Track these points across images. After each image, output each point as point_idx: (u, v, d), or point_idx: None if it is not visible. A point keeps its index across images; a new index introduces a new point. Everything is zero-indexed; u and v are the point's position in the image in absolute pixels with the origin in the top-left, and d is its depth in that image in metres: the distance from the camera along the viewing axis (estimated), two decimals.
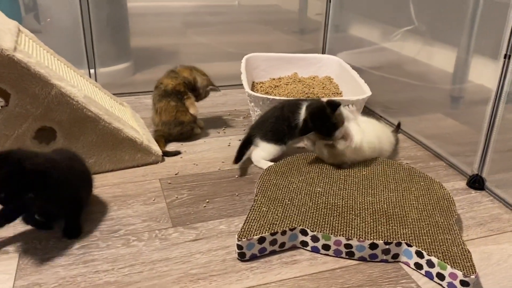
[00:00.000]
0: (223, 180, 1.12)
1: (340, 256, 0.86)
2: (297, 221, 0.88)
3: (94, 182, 1.00)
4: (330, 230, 0.86)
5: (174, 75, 1.28)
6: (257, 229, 0.85)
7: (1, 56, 0.94)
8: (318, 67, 1.70)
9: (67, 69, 1.20)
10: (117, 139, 1.11)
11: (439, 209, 0.94)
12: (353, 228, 0.87)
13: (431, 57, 1.46)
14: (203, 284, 0.78)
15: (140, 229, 0.92)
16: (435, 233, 0.86)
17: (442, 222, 0.89)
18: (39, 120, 1.02)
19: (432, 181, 1.04)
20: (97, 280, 0.78)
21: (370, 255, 0.84)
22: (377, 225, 0.88)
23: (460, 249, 0.82)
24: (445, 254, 0.80)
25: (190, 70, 1.31)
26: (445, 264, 0.78)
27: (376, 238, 0.84)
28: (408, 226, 0.88)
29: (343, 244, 0.84)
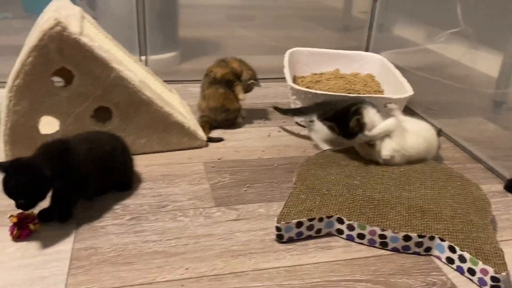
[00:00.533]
0: (263, 167, 1.17)
1: (374, 245, 0.89)
2: (334, 209, 0.93)
3: (130, 161, 1.05)
4: (366, 220, 0.90)
5: (224, 65, 1.34)
6: (296, 214, 0.90)
7: (69, 39, 1.02)
8: (360, 64, 1.73)
9: (123, 54, 1.28)
10: (167, 123, 1.18)
11: (475, 209, 0.96)
12: (388, 220, 0.90)
13: (475, 60, 1.46)
14: (243, 260, 0.84)
15: (186, 206, 0.99)
16: (468, 231, 0.88)
17: (476, 221, 0.91)
18: (98, 100, 1.10)
19: (469, 182, 1.05)
20: (147, 249, 0.85)
21: (403, 247, 0.88)
22: (411, 219, 0.91)
23: (493, 247, 0.84)
24: (477, 251, 0.83)
25: (239, 62, 1.37)
26: (477, 260, 0.81)
27: (410, 231, 0.87)
28: (442, 222, 0.90)
29: (378, 234, 0.88)
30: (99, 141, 0.98)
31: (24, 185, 0.81)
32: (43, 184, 0.83)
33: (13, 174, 0.81)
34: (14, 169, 0.82)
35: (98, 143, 0.97)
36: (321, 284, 0.79)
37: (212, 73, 1.33)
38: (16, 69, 1.03)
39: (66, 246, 0.85)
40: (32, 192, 0.82)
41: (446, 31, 1.56)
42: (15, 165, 0.83)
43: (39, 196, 0.84)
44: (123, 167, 1.03)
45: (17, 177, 0.81)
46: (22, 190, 0.81)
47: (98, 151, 0.95)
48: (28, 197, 0.82)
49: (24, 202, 0.82)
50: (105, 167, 0.96)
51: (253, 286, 0.78)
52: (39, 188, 0.83)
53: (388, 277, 0.82)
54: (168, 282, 0.78)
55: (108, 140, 1.01)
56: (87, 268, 0.80)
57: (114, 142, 1.01)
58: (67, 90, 1.08)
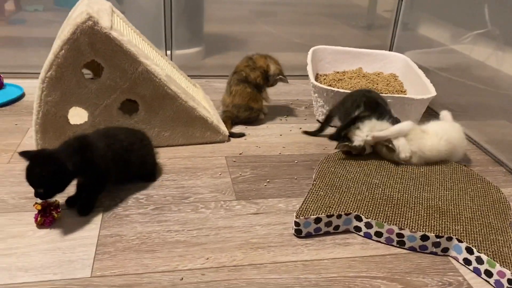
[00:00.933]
0: (283, 163, 1.19)
1: (391, 244, 0.91)
2: (352, 207, 0.94)
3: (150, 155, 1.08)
4: (384, 219, 0.91)
5: (253, 65, 1.37)
6: (315, 210, 0.92)
7: (100, 33, 1.06)
8: (383, 63, 1.72)
9: (150, 49, 1.32)
10: (191, 117, 1.21)
11: (494, 212, 0.96)
12: (406, 219, 0.91)
13: (502, 62, 1.44)
14: (261, 252, 0.86)
15: (208, 198, 1.01)
16: (487, 233, 0.89)
17: (495, 224, 0.92)
18: (126, 93, 1.14)
19: (489, 185, 1.05)
20: (169, 238, 0.88)
21: (420, 246, 0.89)
22: (430, 219, 0.92)
23: (511, 250, 0.84)
24: (495, 253, 0.83)
25: (265, 58, 1.39)
26: (494, 262, 0.81)
27: (428, 231, 0.88)
28: (460, 224, 0.91)
29: (395, 233, 0.89)
30: (117, 137, 1.00)
31: (45, 176, 0.84)
32: (63, 177, 0.87)
33: (36, 164, 0.85)
34: (38, 159, 0.85)
35: (116, 138, 1.00)
36: (338, 280, 0.81)
37: (243, 72, 1.36)
38: (49, 61, 1.07)
39: (93, 233, 0.89)
40: (52, 183, 0.86)
41: (473, 32, 1.54)
42: (40, 156, 0.86)
43: (58, 188, 0.87)
44: (141, 161, 1.05)
45: (40, 167, 0.84)
46: (42, 180, 0.85)
47: (116, 147, 0.98)
48: (48, 187, 0.86)
49: (43, 192, 0.86)
50: (123, 161, 0.99)
51: (271, 278, 0.80)
52: (59, 180, 0.87)
53: (404, 275, 0.83)
54: (189, 270, 0.81)
55: (127, 135, 1.03)
56: (112, 254, 0.83)
57: (132, 137, 1.04)
58: (96, 82, 1.12)
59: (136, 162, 1.03)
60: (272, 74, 1.38)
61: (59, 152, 0.88)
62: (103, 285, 0.76)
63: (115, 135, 1.01)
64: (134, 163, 1.02)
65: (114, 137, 1.00)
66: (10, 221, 0.90)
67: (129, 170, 1.02)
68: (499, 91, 1.40)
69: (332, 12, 2.07)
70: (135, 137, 1.05)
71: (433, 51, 1.77)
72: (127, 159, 1.00)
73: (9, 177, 1.04)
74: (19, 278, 0.76)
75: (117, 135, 1.01)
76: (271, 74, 1.38)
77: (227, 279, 0.79)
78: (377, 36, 2.02)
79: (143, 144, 1.06)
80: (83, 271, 0.79)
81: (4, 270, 0.78)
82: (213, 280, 0.79)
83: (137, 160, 1.03)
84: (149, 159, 1.08)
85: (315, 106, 1.46)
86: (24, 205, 0.95)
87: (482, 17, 1.45)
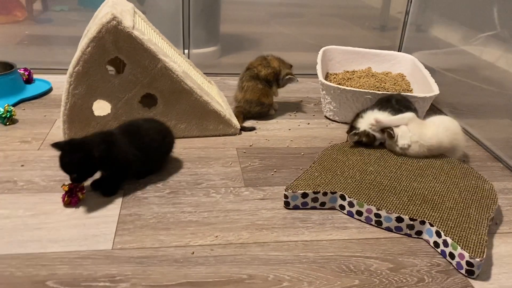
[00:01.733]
0: (290, 155, 1.27)
1: (370, 223, 0.99)
2: (339, 187, 1.03)
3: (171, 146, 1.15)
4: (365, 200, 0.99)
5: (266, 64, 1.46)
6: (304, 186, 1.03)
7: (123, 32, 1.15)
8: (392, 63, 1.79)
9: (169, 47, 1.41)
10: (205, 110, 1.30)
11: (478, 205, 1.00)
12: (387, 202, 0.99)
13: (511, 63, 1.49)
14: (266, 233, 0.95)
15: (219, 185, 1.10)
16: (461, 221, 0.94)
17: (474, 215, 0.97)
18: (145, 87, 1.24)
19: (484, 181, 1.10)
20: (183, 218, 0.97)
21: (395, 227, 0.97)
22: (410, 205, 0.99)
23: (480, 238, 0.89)
24: (460, 238, 0.89)
25: (279, 61, 1.48)
26: (456, 245, 0.87)
27: (404, 214, 0.95)
28: (438, 211, 0.97)
29: (373, 213, 0.98)
30: (140, 132, 1.08)
31: (77, 162, 0.95)
32: (92, 162, 0.97)
33: (68, 152, 0.95)
34: (69, 148, 0.96)
35: (139, 134, 1.07)
36: (334, 258, 0.89)
37: (255, 69, 1.44)
38: (76, 57, 1.17)
39: (114, 212, 0.98)
40: (83, 168, 0.96)
41: (482, 34, 1.59)
42: (70, 145, 0.97)
43: (88, 172, 0.98)
44: (161, 156, 1.14)
45: (71, 155, 0.95)
46: (75, 166, 0.96)
47: (138, 142, 1.06)
48: (80, 172, 0.97)
49: (76, 176, 0.96)
50: (144, 155, 1.07)
51: (273, 255, 0.89)
52: (88, 165, 0.97)
53: (396, 256, 0.90)
54: (199, 246, 0.90)
55: (149, 130, 1.10)
56: (131, 231, 0.93)
57: (154, 134, 1.10)
58: (119, 77, 1.22)
59: (156, 158, 1.12)
60: (282, 76, 1.46)
61: (86, 141, 0.98)
62: (122, 256, 0.86)
63: (139, 132, 1.08)
64: (154, 158, 1.11)
65: (138, 133, 1.08)
66: (41, 200, 1.00)
67: (149, 163, 1.10)
68: (504, 91, 1.45)
69: (346, 14, 2.13)
70: (158, 135, 1.11)
71: (442, 52, 1.82)
72: (147, 154, 1.08)
73: (40, 162, 1.15)
74: (49, 248, 0.86)
75: (140, 131, 1.09)
76: (281, 76, 1.46)
77: (233, 254, 0.88)
78: (387, 37, 2.08)
79: (165, 142, 1.14)
80: (105, 244, 0.88)
81: (37, 241, 0.88)
82: (220, 255, 0.88)
83: (156, 156, 1.11)
84: (168, 156, 1.17)
85: (323, 103, 1.53)
86: (53, 187, 1.05)
87: (491, 19, 1.49)
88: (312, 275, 0.84)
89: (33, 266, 0.82)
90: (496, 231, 1.01)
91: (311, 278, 0.83)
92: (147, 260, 0.85)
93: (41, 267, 0.82)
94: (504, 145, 1.34)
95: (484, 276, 0.87)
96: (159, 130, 1.13)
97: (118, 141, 1.03)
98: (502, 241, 0.97)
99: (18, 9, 1.91)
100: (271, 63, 1.47)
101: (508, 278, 0.87)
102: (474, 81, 1.60)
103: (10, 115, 1.32)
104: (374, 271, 0.86)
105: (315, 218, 1.01)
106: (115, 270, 0.82)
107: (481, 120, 1.53)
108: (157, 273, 0.82)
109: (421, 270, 0.87)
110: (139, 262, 0.84)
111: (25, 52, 1.84)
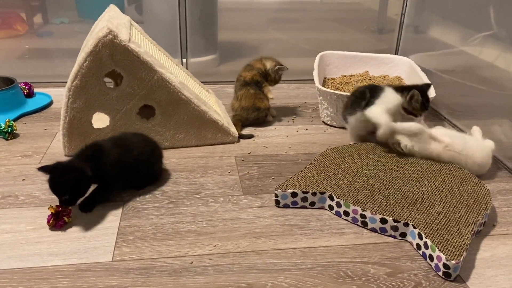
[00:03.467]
0: (288, 162, 1.28)
1: (356, 223, 1.01)
2: (329, 188, 1.05)
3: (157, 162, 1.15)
4: (352, 201, 1.00)
5: (250, 68, 1.49)
6: (294, 186, 1.06)
7: (119, 46, 1.17)
8: (389, 67, 1.80)
9: (166, 58, 1.43)
10: (203, 120, 1.31)
11: (468, 210, 0.99)
12: (373, 204, 1.00)
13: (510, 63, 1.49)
14: (264, 240, 0.96)
15: (217, 193, 1.11)
16: (446, 225, 0.94)
17: (461, 219, 0.96)
18: (143, 99, 1.25)
19: (481, 187, 1.08)
20: (181, 228, 0.99)
21: (380, 228, 0.98)
22: (397, 207, 0.99)
23: (461, 241, 0.89)
24: (441, 241, 0.89)
25: (260, 60, 1.51)
26: (435, 247, 0.88)
27: (389, 216, 0.96)
28: (425, 214, 0.97)
29: (359, 214, 0.99)
30: (128, 146, 1.08)
31: (70, 184, 0.95)
32: (85, 182, 0.98)
33: (58, 175, 0.95)
34: (59, 170, 0.95)
35: (127, 148, 1.07)
36: (332, 264, 0.90)
37: (242, 77, 1.48)
38: (74, 71, 1.19)
39: (114, 224, 0.99)
40: (76, 189, 0.97)
41: (479, 34, 1.59)
42: (59, 168, 0.96)
43: (81, 193, 0.99)
44: (149, 169, 1.12)
45: (63, 177, 0.94)
46: (67, 188, 0.96)
47: (126, 156, 1.06)
48: (72, 193, 0.97)
49: (68, 198, 0.96)
50: (132, 169, 1.07)
51: (272, 262, 0.89)
52: (82, 186, 0.98)
53: (394, 261, 0.91)
54: (198, 255, 0.91)
55: (137, 144, 1.10)
56: (131, 242, 0.94)
57: (142, 147, 1.10)
58: (116, 90, 1.23)
59: (143, 171, 1.11)
60: (270, 68, 1.48)
61: (74, 162, 0.98)
62: (122, 268, 0.87)
63: (127, 145, 1.08)
64: (142, 172, 1.10)
65: (126, 146, 1.08)
66: (41, 214, 1.02)
67: (136, 178, 1.10)
68: (503, 92, 1.45)
69: (343, 17, 2.14)
70: (146, 148, 1.11)
71: (437, 54, 1.83)
72: (136, 168, 1.08)
73: (41, 176, 1.16)
74: (49, 262, 0.88)
75: (128, 144, 1.08)
76: (269, 69, 1.48)
77: (231, 263, 0.89)
78: (385, 40, 2.09)
79: (154, 154, 1.14)
80: (105, 256, 0.90)
81: (37, 255, 0.89)
82: (219, 264, 0.88)
83: (145, 170, 1.11)
84: (157, 168, 1.16)
85: (321, 109, 1.54)
86: (53, 200, 1.06)
87: (488, 19, 1.50)
88: (310, 282, 0.85)
89: (34, 280, 0.83)
90: (492, 233, 1.01)
91: (309, 285, 0.84)
92: (146, 271, 0.86)
93: (42, 280, 0.83)
94: (502, 146, 1.35)
95: (482, 278, 0.87)
96: (146, 142, 1.13)
97: (106, 154, 1.03)
98: (500, 243, 0.98)
99: (19, 23, 1.94)
100: (254, 66, 1.50)
101: (505, 280, 0.87)
102: (472, 82, 1.61)
103: (11, 130, 1.34)
104: (371, 276, 0.87)
105: (313, 224, 1.01)
106: (115, 282, 0.83)
107: (479, 121, 1.53)
108: (157, 284, 0.83)
109: (419, 274, 0.88)
110: (139, 274, 0.85)
111: (25, 66, 1.87)
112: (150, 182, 1.15)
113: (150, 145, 1.14)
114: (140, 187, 1.12)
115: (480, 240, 0.98)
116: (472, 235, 0.92)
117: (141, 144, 1.11)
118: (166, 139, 1.31)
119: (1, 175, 1.16)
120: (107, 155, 1.03)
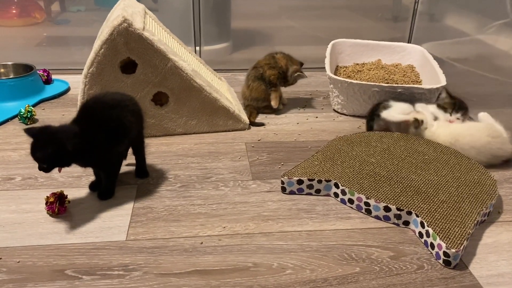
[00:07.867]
0: (297, 149, 1.30)
1: (361, 211, 1.03)
2: (335, 176, 1.07)
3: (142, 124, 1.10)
4: (357, 188, 1.03)
5: (274, 63, 1.48)
6: (301, 173, 1.08)
7: (134, 34, 1.20)
8: (402, 55, 1.80)
9: (179, 46, 1.46)
10: (215, 107, 1.34)
11: (473, 199, 1.00)
12: (378, 192, 1.02)
13: None
14: (271, 223, 0.99)
15: (227, 178, 1.15)
16: (449, 214, 0.95)
17: (465, 209, 0.97)
18: (157, 86, 1.29)
19: (488, 177, 1.08)
20: (192, 210, 1.02)
21: (384, 216, 1.00)
22: (402, 195, 1.01)
23: (463, 230, 0.90)
24: (442, 229, 0.90)
25: (287, 60, 1.50)
26: (436, 235, 0.89)
27: (392, 204, 0.98)
28: (429, 203, 0.98)
29: (363, 202, 1.01)
30: (107, 118, 0.99)
31: (47, 154, 0.90)
32: (63, 155, 0.91)
33: (39, 142, 0.90)
34: (41, 137, 0.90)
35: (107, 119, 0.99)
36: (336, 247, 0.93)
37: (261, 69, 1.48)
38: (90, 58, 1.23)
39: (128, 205, 1.04)
40: (54, 161, 0.92)
41: (496, 22, 1.58)
42: (43, 133, 0.90)
43: (59, 164, 0.94)
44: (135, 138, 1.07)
45: (43, 146, 0.89)
46: (45, 158, 0.91)
47: (106, 130, 0.98)
48: (50, 165, 0.92)
49: (46, 167, 0.92)
50: (115, 142, 1.01)
51: (278, 244, 0.93)
52: (59, 159, 0.92)
53: (397, 245, 0.94)
54: (208, 236, 0.94)
55: (127, 102, 1.03)
56: (144, 223, 0.98)
57: (123, 111, 1.02)
58: (131, 77, 1.27)
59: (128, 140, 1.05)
60: (290, 73, 1.49)
61: (60, 131, 0.92)
62: (135, 247, 0.91)
63: (104, 118, 0.99)
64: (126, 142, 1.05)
65: (104, 120, 0.99)
66: None
67: (124, 146, 1.06)
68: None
69: (357, 5, 2.13)
70: (126, 111, 1.02)
71: (451, 42, 1.82)
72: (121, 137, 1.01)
73: None
74: (67, 240, 0.93)
75: (107, 116, 0.99)
76: (289, 74, 1.49)
77: (240, 244, 0.92)
78: (398, 28, 2.08)
79: (137, 116, 1.06)
80: (119, 236, 0.94)
81: (56, 233, 0.94)
82: (228, 245, 0.92)
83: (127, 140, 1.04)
84: (142, 130, 1.10)
85: (331, 97, 1.56)
86: (71, 182, 1.11)
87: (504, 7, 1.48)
88: (315, 263, 0.88)
89: (53, 256, 0.88)
90: (497, 220, 1.02)
91: (314, 266, 0.87)
92: (158, 250, 0.90)
93: (60, 257, 0.88)
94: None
95: (483, 263, 0.89)
96: (125, 103, 1.04)
97: (90, 135, 0.95)
98: (504, 229, 0.99)
99: (37, 11, 1.99)
100: (278, 62, 1.49)
101: (507, 265, 0.89)
102: (485, 71, 1.60)
103: (31, 115, 1.39)
104: (375, 259, 0.90)
105: (319, 209, 1.04)
106: (128, 260, 0.88)
107: (492, 110, 1.53)
108: (168, 262, 0.87)
109: (421, 258, 0.90)
110: (151, 252, 0.90)
111: (44, 54, 1.92)
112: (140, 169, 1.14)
113: (129, 107, 1.05)
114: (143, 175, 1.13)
115: (485, 227, 1.00)
116: (475, 225, 0.94)
117: (130, 102, 1.05)
118: (179, 125, 1.34)
119: (22, 158, 1.21)
120: (89, 133, 0.96)
